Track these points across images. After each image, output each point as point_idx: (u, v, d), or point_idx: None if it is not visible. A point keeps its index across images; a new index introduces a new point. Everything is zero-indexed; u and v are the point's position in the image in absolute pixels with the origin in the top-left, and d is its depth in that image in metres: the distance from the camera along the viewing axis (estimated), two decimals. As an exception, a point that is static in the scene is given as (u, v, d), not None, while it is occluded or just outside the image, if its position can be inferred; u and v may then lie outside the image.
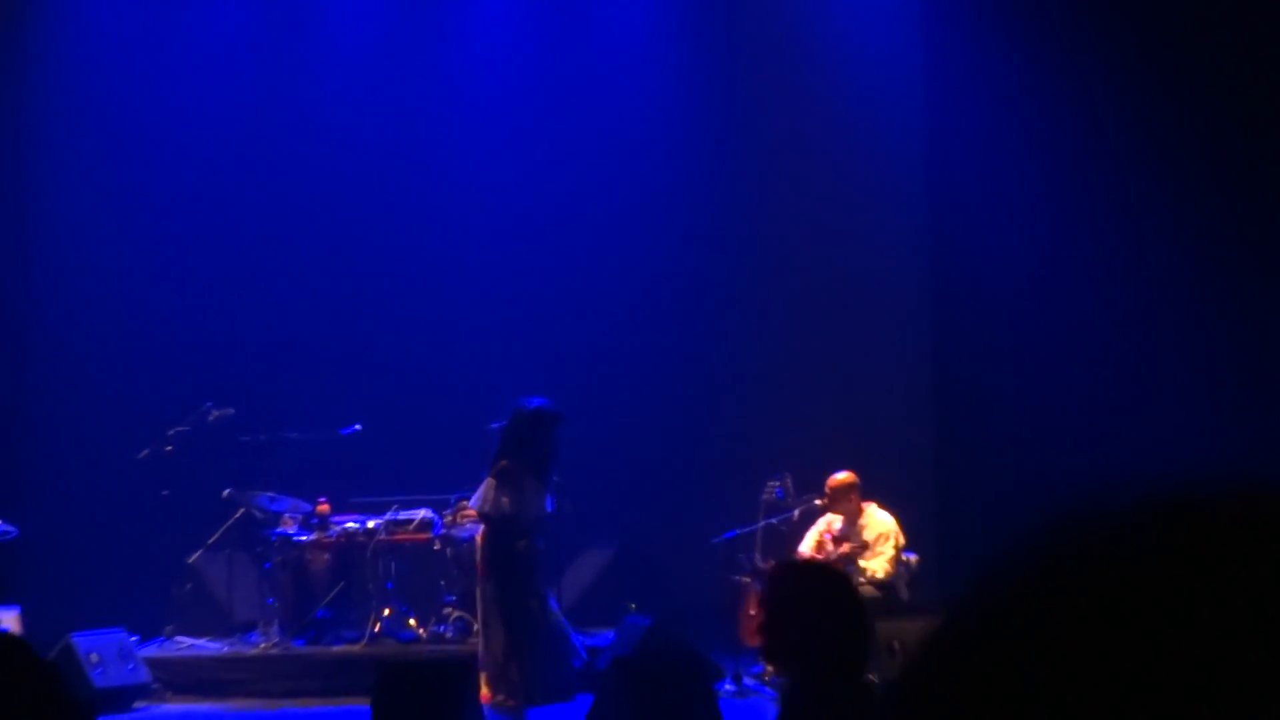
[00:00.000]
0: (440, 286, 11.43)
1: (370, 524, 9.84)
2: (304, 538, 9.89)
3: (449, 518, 9.81)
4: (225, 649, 9.69)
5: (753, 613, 9.20)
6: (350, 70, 11.51)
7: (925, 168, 10.75)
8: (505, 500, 7.80)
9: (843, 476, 9.13)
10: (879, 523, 9.01)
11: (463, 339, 11.27)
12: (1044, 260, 10.10)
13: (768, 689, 8.81)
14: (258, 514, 9.99)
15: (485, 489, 7.97)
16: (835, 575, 3.51)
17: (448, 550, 9.75)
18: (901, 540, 8.98)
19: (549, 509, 7.99)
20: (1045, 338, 10.05)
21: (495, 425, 9.28)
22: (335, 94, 11.46)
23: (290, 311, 11.32)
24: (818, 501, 9.31)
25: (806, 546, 9.24)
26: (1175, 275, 9.71)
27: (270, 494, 9.98)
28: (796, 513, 9.51)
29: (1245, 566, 0.70)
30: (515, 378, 10.58)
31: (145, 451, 10.05)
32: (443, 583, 9.73)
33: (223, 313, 11.32)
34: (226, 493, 9.89)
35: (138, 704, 8.95)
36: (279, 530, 9.93)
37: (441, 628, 9.58)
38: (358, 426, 10.30)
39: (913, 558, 9.14)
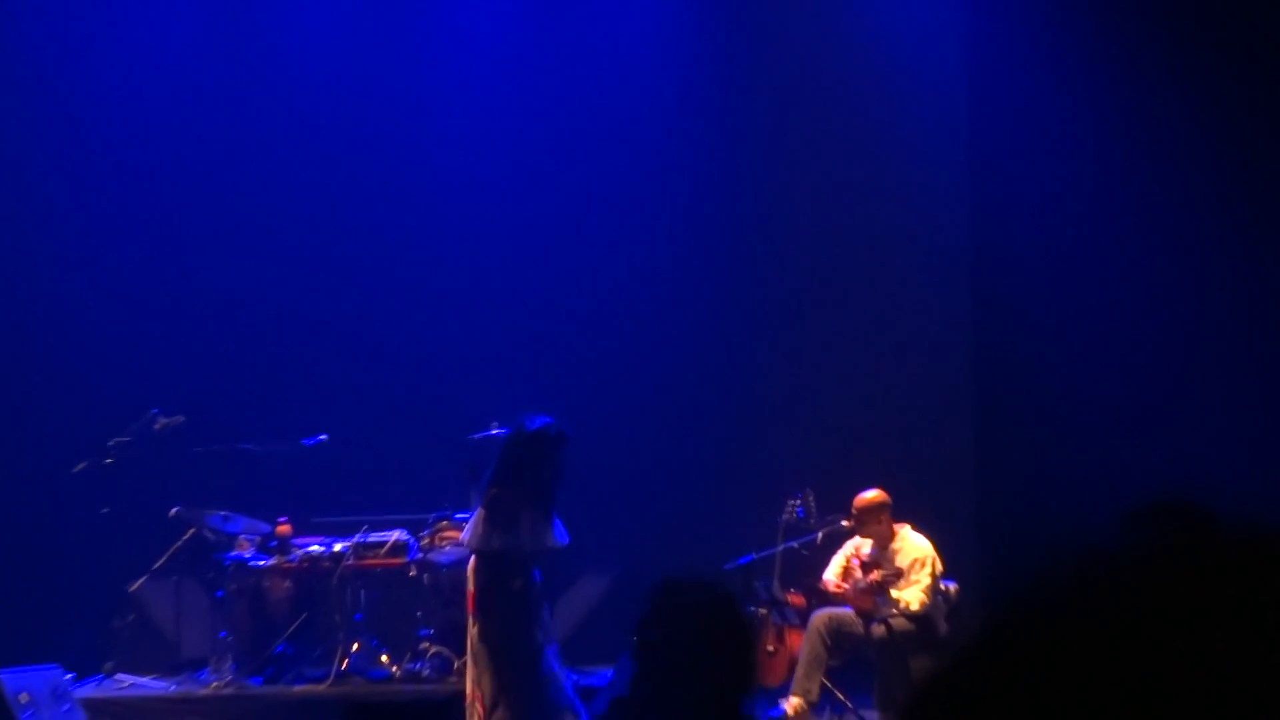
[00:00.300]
0: (418, 280, 11.42)
1: (337, 547, 9.80)
2: (262, 563, 9.83)
3: (426, 540, 9.76)
4: (172, 688, 9.60)
5: (770, 648, 9.34)
6: (320, 57, 11.53)
7: (966, 157, 10.86)
8: (496, 535, 7.75)
9: (871, 495, 9.11)
10: (914, 547, 8.97)
11: (444, 339, 11.28)
12: (1094, 257, 10.18)
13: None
14: (209, 535, 9.91)
15: (475, 521, 7.93)
16: (721, 597, 3.50)
17: (425, 577, 9.68)
18: (939, 567, 8.94)
19: (561, 541, 7.90)
20: (1096, 338, 10.15)
21: (478, 436, 9.47)
22: (300, 81, 11.47)
23: (248, 308, 11.30)
24: (844, 523, 9.31)
25: (831, 573, 9.27)
26: (1239, 273, 9.76)
27: (224, 513, 9.91)
28: (820, 535, 9.51)
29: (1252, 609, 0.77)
30: (502, 382, 10.66)
31: (82, 464, 9.96)
32: (419, 614, 9.67)
33: (172, 308, 11.29)
34: (174, 511, 9.81)
35: (73, 749, 8.91)
36: (233, 554, 9.87)
37: (418, 665, 9.50)
38: (323, 437, 10.25)
39: (952, 586, 9.10)
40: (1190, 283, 9.89)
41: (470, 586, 8.00)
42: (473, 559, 8.00)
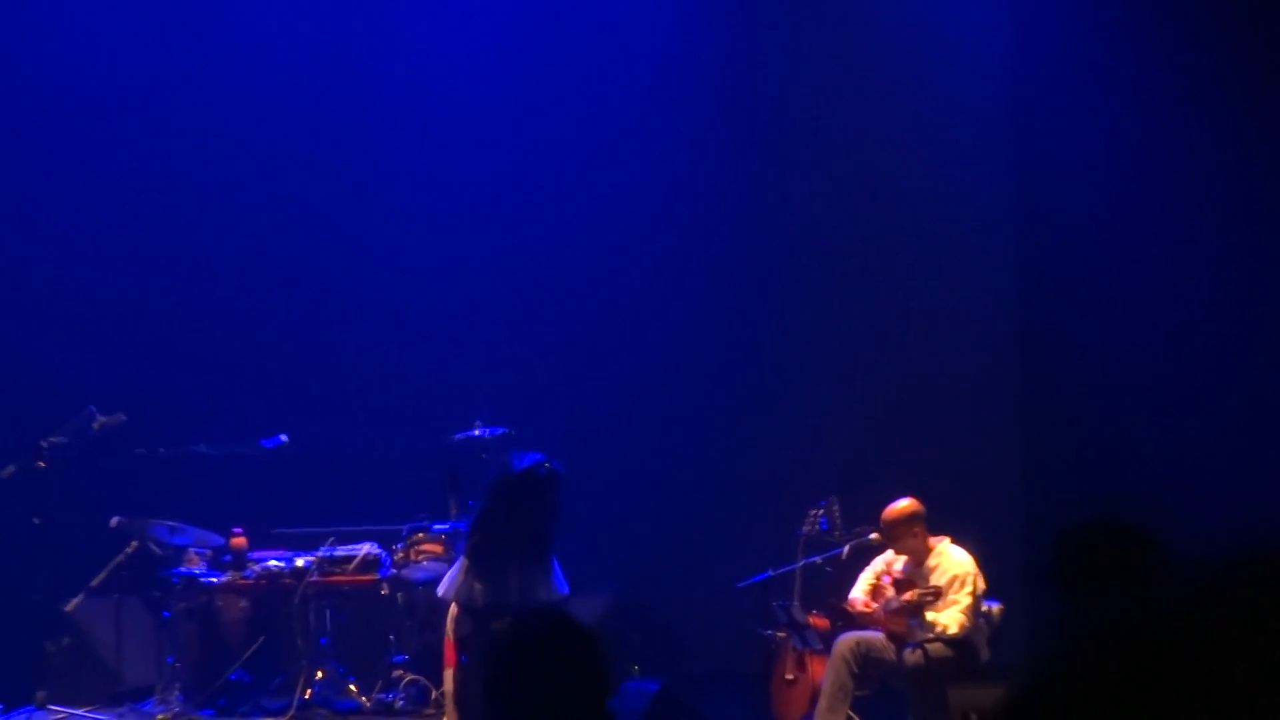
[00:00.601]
0: (392, 262, 11.56)
1: (299, 562, 9.74)
2: (214, 579, 9.78)
3: (400, 554, 9.73)
4: (113, 720, 9.53)
5: (789, 677, 9.40)
6: (290, 46, 11.61)
7: (1012, 150, 11.04)
8: (479, 587, 7.69)
9: (903, 505, 9.04)
10: (954, 563, 8.90)
11: (421, 331, 11.34)
12: (1146, 252, 10.24)
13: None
14: (155, 549, 9.87)
15: (457, 570, 7.90)
16: (577, 635, 3.64)
17: (399, 596, 9.64)
18: (981, 585, 8.86)
19: (561, 592, 7.86)
20: (1151, 333, 10.19)
21: (460, 436, 9.64)
22: (267, 68, 11.56)
23: (199, 293, 11.32)
24: (872, 536, 9.26)
25: (859, 591, 9.21)
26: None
27: (171, 523, 9.85)
28: (846, 549, 9.45)
29: None
30: (487, 375, 10.73)
31: (10, 469, 9.84)
32: (392, 638, 9.62)
33: (113, 292, 11.28)
34: (115, 521, 9.76)
35: (0, 789, 8.95)
36: (182, 570, 9.81)
37: (390, 695, 9.48)
38: (283, 438, 10.20)
39: (995, 607, 9.03)
40: (1251, 280, 9.97)
41: (449, 638, 7.95)
42: (453, 608, 7.94)
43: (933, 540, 8.99)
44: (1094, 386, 10.44)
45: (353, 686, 9.52)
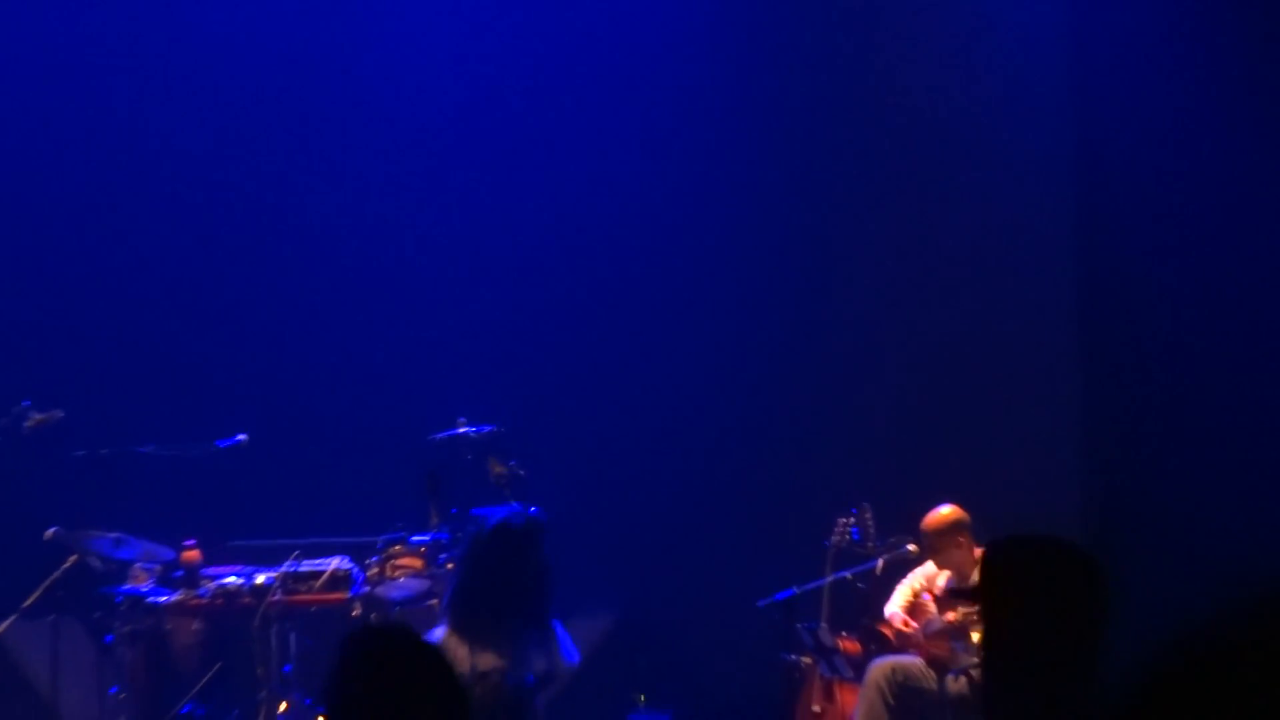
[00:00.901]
0: (366, 245, 11.55)
1: (260, 579, 9.60)
2: (163, 598, 9.62)
3: (374, 570, 9.62)
4: (48, 759, 9.60)
5: (816, 709, 9.49)
6: (259, 29, 11.77)
7: (1073, 136, 11.05)
8: (469, 662, 7.65)
9: (945, 512, 9.12)
10: None
11: (399, 318, 11.42)
12: (1220, 238, 10.30)
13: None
14: (96, 563, 9.71)
15: (442, 641, 7.79)
16: (417, 643, 3.64)
17: (372, 617, 9.51)
18: (1035, 604, 8.60)
19: (569, 661, 7.81)
20: (1229, 322, 10.26)
21: (441, 436, 9.60)
22: (234, 48, 11.75)
23: (147, 278, 11.36)
24: (910, 548, 9.38)
25: (895, 606, 9.30)
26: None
27: (115, 535, 9.69)
28: (880, 563, 9.47)
29: None
30: (474, 369, 11.28)
31: (-68, 474, 9.99)
32: (364, 664, 9.39)
33: (49, 277, 11.37)
34: (51, 532, 9.58)
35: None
36: (127, 588, 9.67)
37: (363, 729, 9.22)
38: (242, 437, 10.14)
39: (1050, 629, 8.77)
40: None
41: None
42: None
43: (979, 552, 8.73)
44: (1160, 380, 10.48)
45: None
